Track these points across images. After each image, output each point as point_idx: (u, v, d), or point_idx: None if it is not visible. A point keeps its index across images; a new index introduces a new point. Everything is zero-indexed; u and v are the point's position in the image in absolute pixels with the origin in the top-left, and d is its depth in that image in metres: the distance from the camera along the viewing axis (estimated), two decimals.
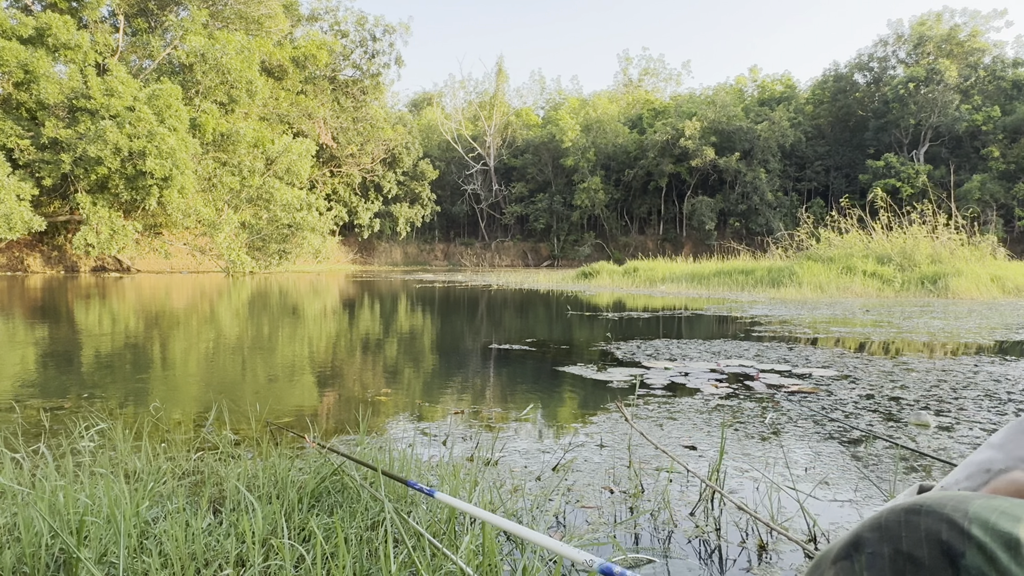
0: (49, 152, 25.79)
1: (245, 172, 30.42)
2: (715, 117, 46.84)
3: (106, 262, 29.89)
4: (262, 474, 2.05)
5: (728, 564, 1.72)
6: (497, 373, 4.70)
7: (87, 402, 3.57)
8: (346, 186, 45.30)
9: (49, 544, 1.57)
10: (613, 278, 18.57)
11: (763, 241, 30.38)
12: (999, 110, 43.52)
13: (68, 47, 27.02)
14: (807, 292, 13.30)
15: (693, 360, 5.05)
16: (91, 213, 25.84)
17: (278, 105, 37.57)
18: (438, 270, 39.37)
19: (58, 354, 5.50)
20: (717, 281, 15.80)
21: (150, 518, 1.75)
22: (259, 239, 30.96)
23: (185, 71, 30.92)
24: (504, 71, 56.41)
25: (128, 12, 32.63)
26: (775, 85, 56.85)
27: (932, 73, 44.25)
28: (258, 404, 3.54)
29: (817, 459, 2.61)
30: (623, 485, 2.30)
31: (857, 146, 49.14)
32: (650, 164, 48.49)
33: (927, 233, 15.27)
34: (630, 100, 59.86)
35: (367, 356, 5.63)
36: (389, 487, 1.98)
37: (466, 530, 1.76)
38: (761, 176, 46.40)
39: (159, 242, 30.01)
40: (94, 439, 2.63)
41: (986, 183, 41.72)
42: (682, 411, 3.40)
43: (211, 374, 4.57)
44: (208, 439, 2.78)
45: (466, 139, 55.05)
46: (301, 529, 1.76)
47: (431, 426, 3.14)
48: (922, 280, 13.49)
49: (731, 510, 2.06)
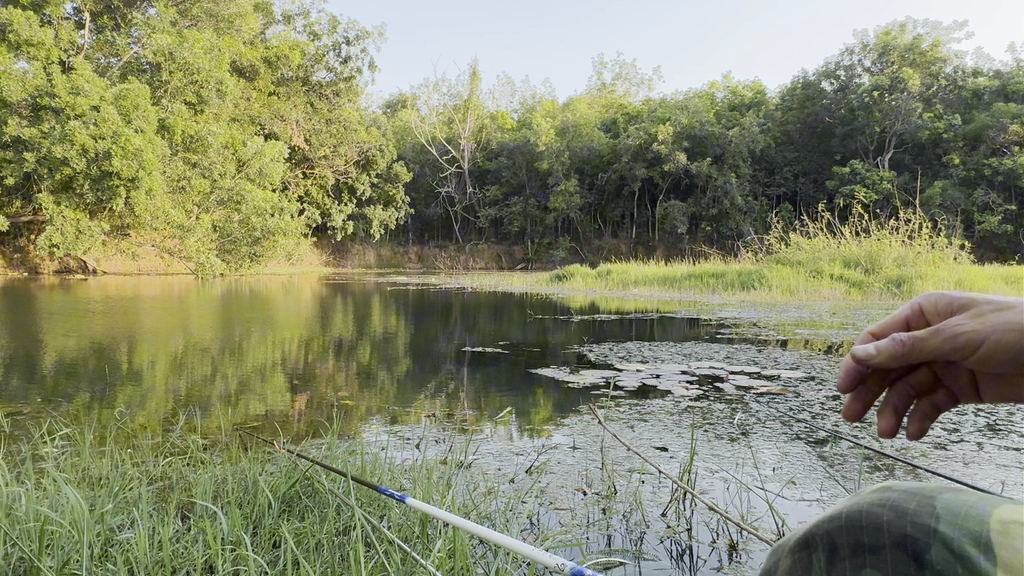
0: (11, 151, 25.10)
1: (216, 174, 29.94)
2: (688, 122, 47.46)
3: (70, 264, 29.16)
4: (231, 479, 2.02)
5: (699, 564, 1.74)
6: (470, 376, 4.69)
7: (49, 407, 3.48)
8: (319, 188, 44.88)
9: (8, 553, 1.53)
10: (587, 281, 18.67)
11: (734, 245, 30.85)
12: (959, 118, 44.84)
13: (31, 44, 26.36)
14: (776, 295, 13.52)
15: (664, 362, 5.10)
16: (55, 213, 25.21)
17: (249, 106, 37.09)
18: (412, 273, 39.17)
19: (16, 358, 5.35)
20: (688, 284, 15.98)
21: (115, 525, 1.71)
22: (229, 241, 30.49)
23: (152, 70, 30.35)
24: (478, 74, 56.42)
25: (94, 9, 31.95)
26: (746, 91, 57.81)
27: (896, 82, 45.41)
28: (228, 409, 3.49)
29: (785, 459, 2.65)
30: (596, 487, 2.31)
31: (825, 152, 50.17)
32: (623, 168, 48.94)
33: (898, 238, 15.63)
34: (604, 103, 60.31)
35: (339, 360, 5.58)
36: (362, 491, 1.96)
37: (439, 534, 1.75)
38: (732, 181, 47.12)
39: (126, 243, 29.37)
40: (57, 445, 2.56)
41: (947, 189, 42.92)
42: (653, 413, 3.43)
43: (178, 379, 4.49)
44: (176, 444, 2.72)
45: (440, 142, 54.92)
46: (272, 535, 1.74)
47: (404, 430, 3.12)
48: (887, 283, 13.80)
49: (702, 510, 2.09)
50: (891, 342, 0.47)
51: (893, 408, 0.50)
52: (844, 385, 0.50)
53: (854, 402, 0.50)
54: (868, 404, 0.51)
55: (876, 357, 0.47)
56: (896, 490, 0.41)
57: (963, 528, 0.37)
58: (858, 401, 0.50)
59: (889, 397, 0.51)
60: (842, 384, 0.50)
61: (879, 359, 0.47)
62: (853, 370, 0.50)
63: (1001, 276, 15.15)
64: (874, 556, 0.38)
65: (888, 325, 0.49)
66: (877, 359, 0.47)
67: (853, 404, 0.50)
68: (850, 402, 0.50)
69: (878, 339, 0.49)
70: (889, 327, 0.49)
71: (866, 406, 0.50)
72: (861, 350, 0.48)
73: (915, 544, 0.37)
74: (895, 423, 0.50)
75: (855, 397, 0.50)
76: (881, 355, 0.47)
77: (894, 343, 0.47)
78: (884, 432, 0.50)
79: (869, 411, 0.50)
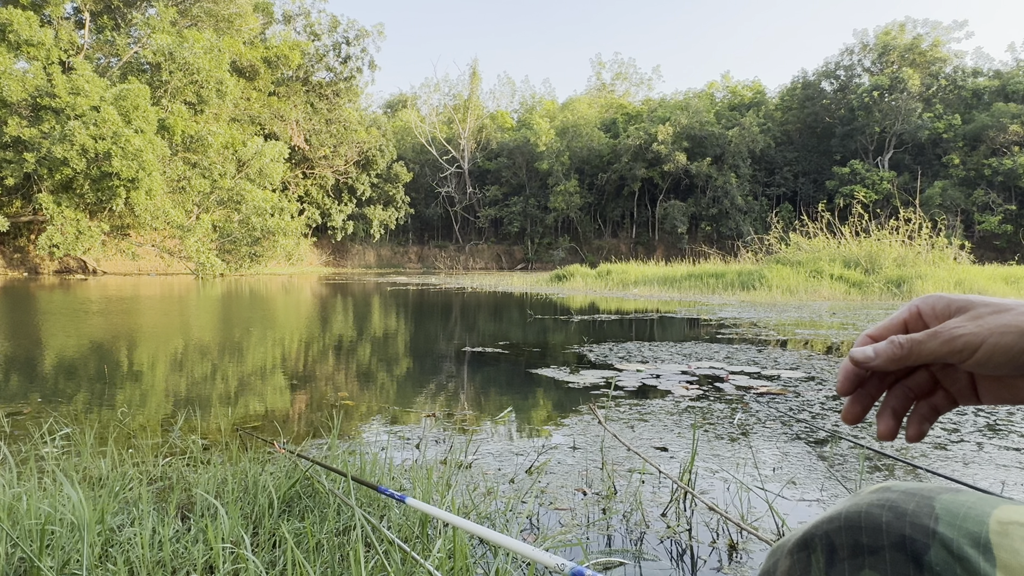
0: (11, 151, 25.10)
1: (216, 174, 29.94)
2: (687, 122, 47.44)
3: (70, 264, 29.16)
4: (231, 479, 2.02)
5: (699, 564, 1.74)
6: (470, 376, 4.70)
7: (49, 407, 3.48)
8: (319, 188, 44.87)
9: (9, 553, 1.53)
10: (587, 281, 18.67)
11: (734, 245, 30.87)
12: (959, 118, 44.82)
13: (31, 44, 26.35)
14: (776, 295, 13.52)
15: (664, 362, 5.10)
16: (55, 214, 25.21)
17: (249, 106, 37.09)
18: (412, 273, 39.16)
19: (17, 358, 5.35)
20: (688, 284, 15.98)
21: (115, 525, 1.72)
22: (229, 242, 30.49)
23: (152, 70, 30.35)
24: (478, 74, 56.42)
25: (94, 9, 31.95)
26: (745, 91, 57.79)
27: (896, 82, 45.40)
28: (228, 409, 3.49)
29: (785, 459, 2.66)
30: (596, 487, 2.31)
31: (824, 152, 50.16)
32: (623, 168, 48.93)
33: (898, 238, 15.63)
34: (604, 103, 60.30)
35: (339, 360, 5.58)
36: (362, 491, 1.96)
37: (439, 534, 1.75)
38: (732, 181, 47.11)
39: (126, 243, 29.37)
40: (58, 444, 2.56)
41: (947, 189, 42.92)
42: (654, 413, 3.43)
43: (178, 379, 4.49)
44: (176, 444, 2.73)
45: (440, 142, 54.92)
46: (272, 535, 1.74)
47: (404, 429, 3.13)
48: (887, 283, 13.80)
49: (702, 510, 2.09)
50: (889, 345, 0.47)
51: (892, 410, 0.50)
52: (843, 388, 0.50)
53: (853, 405, 0.50)
54: (867, 407, 0.51)
55: (874, 360, 0.48)
56: (895, 491, 0.41)
57: (962, 529, 0.36)
58: (857, 404, 0.50)
59: (888, 400, 0.51)
60: (841, 387, 0.50)
61: (877, 362, 0.47)
62: (852, 373, 0.50)
63: (1001, 276, 15.15)
64: (873, 557, 0.38)
65: (886, 328, 0.50)
66: (875, 362, 0.48)
67: (852, 407, 0.50)
68: (849, 405, 0.50)
69: (876, 342, 0.49)
70: (887, 330, 0.49)
71: (865, 409, 0.51)
72: (859, 353, 0.48)
73: (914, 545, 0.37)
74: (894, 426, 0.50)
75: (854, 400, 0.51)
76: (879, 358, 0.47)
77: (892, 346, 0.47)
78: (883, 435, 0.50)
79: (868, 413, 0.50)
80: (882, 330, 0.50)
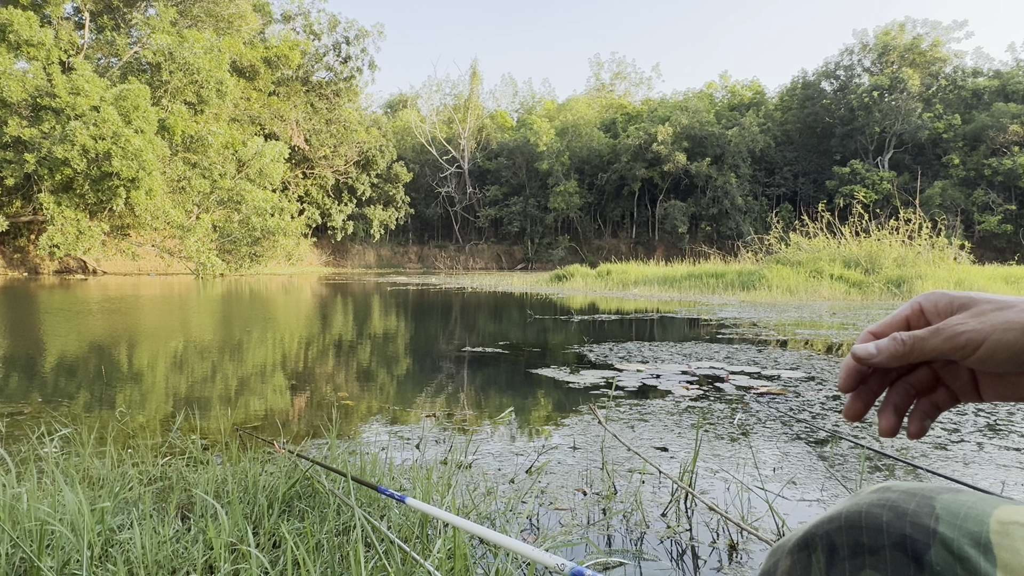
0: (12, 151, 25.10)
1: (216, 175, 29.94)
2: (687, 123, 47.44)
3: (70, 264, 29.16)
4: (231, 479, 2.02)
5: (700, 564, 1.74)
6: (470, 376, 4.69)
7: (49, 407, 3.48)
8: (319, 188, 44.87)
9: (9, 554, 1.53)
10: (587, 281, 18.67)
11: (734, 245, 30.88)
12: (959, 118, 44.83)
13: (31, 44, 26.34)
14: (776, 295, 13.52)
15: (665, 362, 5.10)
16: (55, 214, 25.22)
17: (249, 106, 37.09)
18: (412, 273, 39.17)
19: (16, 358, 5.35)
20: (688, 284, 15.98)
21: (115, 525, 1.71)
22: (229, 242, 30.49)
23: (152, 70, 30.35)
24: (478, 74, 56.44)
25: (94, 9, 31.95)
26: (745, 91, 57.80)
27: (896, 82, 45.41)
28: (228, 409, 3.49)
29: (785, 459, 2.65)
30: (596, 487, 2.31)
31: (824, 152, 50.17)
32: (623, 168, 48.92)
33: (898, 238, 15.63)
34: (603, 104, 60.31)
35: (339, 360, 5.58)
36: (362, 491, 1.96)
37: (439, 534, 1.75)
38: (731, 181, 47.11)
39: (126, 243, 29.37)
40: (57, 445, 2.56)
41: (947, 189, 42.93)
42: (654, 413, 3.43)
43: (178, 379, 4.49)
44: (176, 444, 2.72)
45: (440, 142, 54.92)
46: (272, 534, 1.74)
47: (404, 430, 3.12)
48: (887, 283, 13.80)
49: (702, 510, 2.09)
50: (891, 341, 0.47)
51: (894, 407, 0.50)
52: (845, 385, 0.50)
53: (855, 401, 0.50)
54: (869, 403, 0.51)
55: (877, 356, 0.48)
56: (895, 490, 0.41)
57: (963, 529, 0.36)
58: (859, 400, 0.50)
59: (890, 396, 0.51)
60: (843, 384, 0.50)
61: (880, 358, 0.47)
62: (854, 370, 0.50)
63: (1001, 276, 15.15)
64: (873, 557, 0.38)
65: (888, 324, 0.50)
66: (878, 358, 0.47)
67: (854, 404, 0.50)
68: (851, 402, 0.50)
69: (878, 338, 0.49)
70: (889, 326, 0.49)
71: (867, 405, 0.51)
72: (862, 349, 0.48)
73: (914, 545, 0.37)
74: (896, 422, 0.50)
75: (856, 397, 0.51)
76: (882, 354, 0.47)
77: (894, 342, 0.47)
78: (885, 431, 0.50)
79: (870, 410, 0.50)
80: (884, 327, 0.50)
